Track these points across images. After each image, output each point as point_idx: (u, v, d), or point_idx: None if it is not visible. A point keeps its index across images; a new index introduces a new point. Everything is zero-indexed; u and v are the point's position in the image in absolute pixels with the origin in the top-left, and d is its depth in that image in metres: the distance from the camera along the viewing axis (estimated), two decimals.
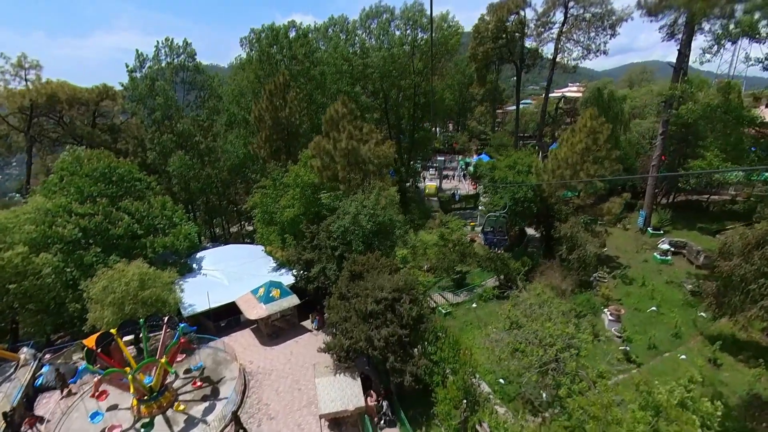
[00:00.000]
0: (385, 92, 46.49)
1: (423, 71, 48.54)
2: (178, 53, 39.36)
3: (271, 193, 33.22)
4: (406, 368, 15.89)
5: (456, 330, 26.07)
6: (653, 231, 36.65)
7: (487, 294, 29.40)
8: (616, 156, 28.35)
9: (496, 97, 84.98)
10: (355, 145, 25.23)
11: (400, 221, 27.55)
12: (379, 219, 23.44)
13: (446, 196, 52.39)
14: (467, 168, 63.67)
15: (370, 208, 23.43)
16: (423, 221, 46.35)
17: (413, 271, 24.41)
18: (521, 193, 30.32)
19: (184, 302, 27.38)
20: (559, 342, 16.38)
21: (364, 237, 24.03)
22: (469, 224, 45.05)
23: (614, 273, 30.84)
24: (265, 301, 25.94)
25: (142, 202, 31.71)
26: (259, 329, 27.51)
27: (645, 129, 46.35)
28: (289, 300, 26.49)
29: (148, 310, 23.12)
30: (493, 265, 28.96)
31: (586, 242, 27.17)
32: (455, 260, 30.00)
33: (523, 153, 34.67)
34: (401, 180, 48.99)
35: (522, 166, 32.24)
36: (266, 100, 35.15)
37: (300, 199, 30.97)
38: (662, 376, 20.15)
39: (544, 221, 35.98)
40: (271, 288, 26.66)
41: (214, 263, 34.62)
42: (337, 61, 42.45)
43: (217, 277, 32.06)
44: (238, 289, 29.00)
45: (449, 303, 28.95)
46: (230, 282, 31.00)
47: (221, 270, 33.39)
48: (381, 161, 29.60)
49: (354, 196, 24.68)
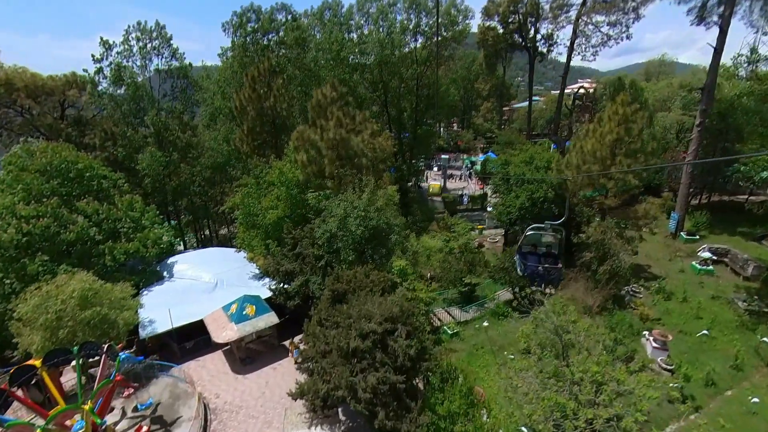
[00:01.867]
0: (384, 82, 42.29)
1: (427, 59, 44.38)
2: (150, 37, 35.35)
3: (253, 192, 29.25)
4: (401, 427, 11.69)
5: (465, 355, 21.86)
6: (687, 236, 32.26)
7: (500, 310, 25.15)
8: (653, 149, 24.04)
9: (503, 93, 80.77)
10: (344, 135, 21.09)
11: (399, 225, 23.42)
12: (373, 223, 19.26)
13: (451, 197, 48.17)
14: (473, 167, 59.57)
15: (362, 210, 19.25)
16: (426, 224, 42.19)
17: (413, 284, 20.17)
18: (540, 192, 26.05)
19: (145, 320, 23.31)
20: (607, 392, 12.15)
21: (355, 244, 19.86)
22: (477, 227, 40.86)
23: (649, 285, 26.52)
24: (236, 320, 21.80)
25: (104, 202, 27.66)
26: (232, 351, 23.38)
27: (670, 122, 42.00)
28: (266, 318, 22.32)
29: (92, 334, 19.05)
30: (507, 277, 24.69)
31: (620, 251, 22.83)
32: (463, 270, 25.75)
33: (540, 147, 30.36)
34: (402, 178, 44.77)
35: (540, 161, 27.96)
36: (248, 87, 31.10)
37: (285, 200, 26.99)
38: (733, 422, 15.89)
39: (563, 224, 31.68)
40: (245, 304, 22.53)
41: (189, 271, 30.51)
42: (332, 46, 38.30)
43: (189, 288, 27.98)
44: (210, 303, 24.88)
45: (456, 321, 24.72)
46: (203, 294, 26.94)
47: (196, 279, 29.35)
48: (377, 155, 25.44)
49: (342, 195, 20.52)
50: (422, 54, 43.54)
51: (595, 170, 23.62)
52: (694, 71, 58.17)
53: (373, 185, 20.92)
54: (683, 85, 49.81)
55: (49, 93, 34.42)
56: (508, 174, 29.16)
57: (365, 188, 20.53)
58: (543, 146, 30.64)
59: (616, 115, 24.12)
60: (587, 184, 24.53)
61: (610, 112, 24.61)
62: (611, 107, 24.80)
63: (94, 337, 19.01)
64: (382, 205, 21.74)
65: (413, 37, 42.38)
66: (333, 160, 21.61)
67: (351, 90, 39.77)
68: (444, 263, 27.85)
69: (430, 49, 43.92)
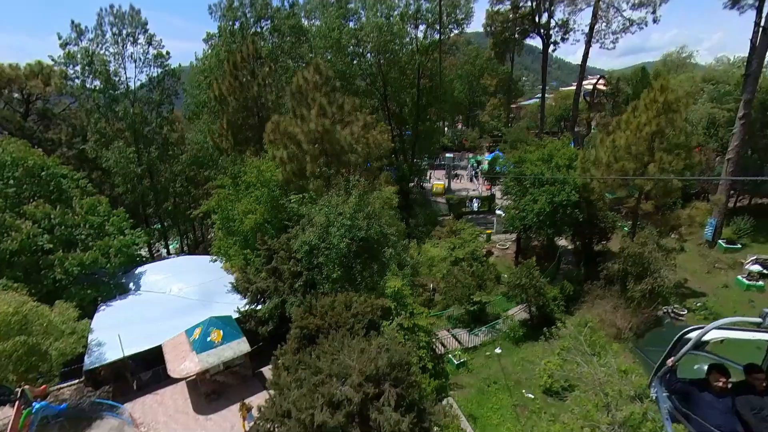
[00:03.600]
0: (383, 73, 38.53)
1: (429, 48, 40.60)
2: (124, 23, 31.78)
3: (230, 194, 25.68)
4: None
5: (474, 393, 18.08)
6: (726, 244, 28.27)
7: (514, 332, 21.34)
8: (698, 144, 20.16)
9: (511, 88, 76.65)
10: (328, 126, 17.37)
11: (396, 234, 19.71)
12: (361, 233, 15.52)
13: (456, 198, 44.33)
14: (479, 167, 55.68)
15: (347, 218, 15.51)
16: (429, 228, 38.42)
17: (413, 307, 16.38)
18: (562, 195, 22.19)
19: (94, 345, 19.73)
20: None
21: (340, 258, 16.14)
22: (485, 232, 37.01)
23: (690, 305, 22.63)
24: (198, 349, 18.13)
25: (59, 205, 24.13)
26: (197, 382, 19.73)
27: (699, 116, 37.92)
28: (235, 347, 18.63)
29: (15, 369, 15.46)
30: (524, 295, 20.87)
31: (662, 266, 18.93)
32: (471, 286, 21.95)
33: (560, 143, 26.48)
34: (403, 179, 40.98)
35: (561, 159, 24.10)
36: (229, 75, 27.45)
37: (265, 203, 23.36)
38: None
39: (585, 231, 27.85)
40: (210, 328, 18.86)
41: (160, 282, 26.89)
42: (332, 33, 34.56)
43: (157, 304, 24.39)
44: (180, 322, 21.24)
45: (463, 347, 20.95)
46: (172, 311, 23.32)
47: (166, 292, 25.77)
48: (371, 152, 21.73)
49: (326, 198, 16.82)
50: (423, 43, 39.76)
51: (630, 168, 19.74)
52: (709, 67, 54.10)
53: (363, 186, 17.17)
54: (706, 78, 45.77)
55: (6, 84, 30.95)
56: (522, 174, 25.29)
57: (353, 190, 16.80)
58: (562, 142, 26.78)
59: (654, 103, 20.24)
60: (620, 185, 20.65)
61: (647, 99, 20.73)
62: (648, 94, 20.95)
63: (17, 373, 15.46)
64: (376, 209, 18.04)
65: (413, 24, 38.63)
66: (316, 157, 17.92)
67: (348, 81, 36.14)
68: (449, 276, 24.09)
69: (432, 37, 40.19)
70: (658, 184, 20.03)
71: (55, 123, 31.05)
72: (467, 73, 75.80)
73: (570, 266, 31.56)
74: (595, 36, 37.52)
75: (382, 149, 23.34)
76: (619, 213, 25.47)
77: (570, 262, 32.25)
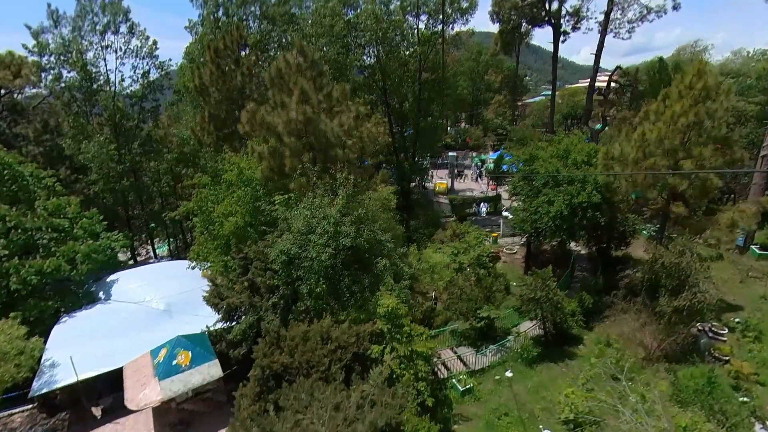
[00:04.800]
0: (381, 64, 35.95)
1: (430, 39, 38.01)
2: (104, 11, 29.34)
3: (211, 194, 23.24)
4: None
5: (482, 426, 15.47)
6: (760, 250, 25.54)
7: (527, 352, 18.71)
8: (741, 136, 17.54)
9: (516, 84, 73.97)
10: (311, 114, 14.81)
11: (393, 240, 17.14)
12: (347, 242, 12.96)
13: (459, 199, 41.75)
14: (483, 166, 53.05)
15: (332, 223, 12.95)
16: (431, 230, 35.89)
17: (411, 329, 13.75)
18: (582, 197, 19.54)
19: (47, 366, 17.24)
20: None
21: (325, 270, 13.59)
22: (491, 235, 34.41)
23: (727, 320, 19.94)
24: (162, 375, 15.61)
25: (16, 206, 21.71)
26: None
27: None
28: (205, 371, 16.09)
29: None
30: (538, 310, 18.23)
31: (701, 279, 16.24)
32: (478, 298, 19.33)
33: (576, 138, 23.82)
34: (404, 178, 38.40)
35: (579, 155, 21.45)
36: (211, 63, 24.97)
37: (247, 204, 20.88)
38: None
39: (601, 235, 25.20)
40: (177, 349, 16.33)
41: (136, 291, 24.34)
42: (323, 20, 32.02)
43: (129, 316, 21.91)
44: (146, 339, 18.79)
45: (468, 369, 18.34)
46: (143, 325, 20.85)
47: (141, 302, 23.28)
48: (366, 146, 19.20)
49: (308, 199, 14.27)
50: (425, 33, 37.17)
51: (663, 166, 17.08)
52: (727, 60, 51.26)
53: (352, 186, 14.60)
54: (723, 71, 43.03)
55: None
56: (534, 171, 22.66)
57: (340, 190, 14.26)
58: (578, 137, 24.13)
59: (690, 91, 17.59)
60: (650, 184, 17.96)
61: (681, 86, 18.08)
62: (682, 80, 18.29)
63: None
64: (369, 212, 15.48)
65: (414, 13, 36.04)
66: (298, 151, 15.37)
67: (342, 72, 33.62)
68: (452, 286, 21.48)
69: (434, 28, 37.64)
70: (695, 183, 17.35)
71: (25, 117, 28.67)
72: (470, 70, 73.20)
73: (585, 273, 28.85)
74: (610, 24, 34.79)
75: (378, 144, 20.75)
76: (641, 215, 22.79)
77: (584, 268, 29.57)
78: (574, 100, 70.45)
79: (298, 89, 14.86)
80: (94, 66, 29.05)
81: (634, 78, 36.17)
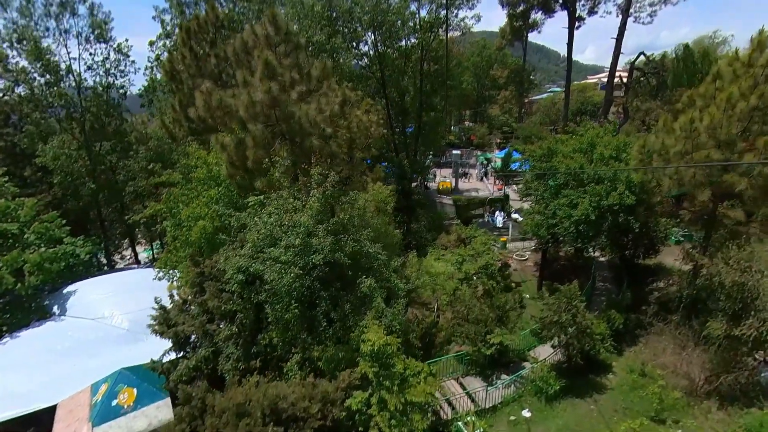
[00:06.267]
0: (379, 53, 32.86)
1: (433, 26, 34.92)
2: None
3: (181, 194, 20.37)
4: None
5: None
6: None
7: (547, 386, 15.49)
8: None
9: (523, 79, 70.58)
10: (278, 93, 11.69)
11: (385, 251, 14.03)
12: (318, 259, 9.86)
13: (464, 199, 38.57)
14: (488, 164, 49.84)
15: (300, 234, 9.84)
16: (434, 234, 32.86)
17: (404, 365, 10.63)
18: (613, 198, 16.33)
19: None
20: None
21: (298, 293, 10.49)
22: (499, 240, 31.25)
23: None
24: (98, 419, 12.55)
25: None
26: None
27: None
28: (152, 413, 12.99)
29: None
30: (563, 336, 15.05)
31: None
32: (489, 319, 16.16)
33: (602, 129, 20.60)
34: (404, 176, 35.26)
35: (606, 149, 18.24)
36: (183, 45, 21.98)
37: (223, 204, 17.91)
38: None
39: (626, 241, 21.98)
40: (119, 386, 13.29)
41: (100, 304, 21.30)
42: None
43: (83, 336, 18.91)
44: (94, 367, 15.77)
45: (478, 407, 15.17)
46: (92, 348, 17.88)
47: (101, 319, 20.30)
48: (356, 138, 16.11)
49: (273, 200, 11.19)
50: (427, 19, 34.06)
51: (718, 159, 13.87)
52: None
53: (332, 184, 11.50)
54: None
55: None
56: (552, 169, 19.47)
57: (315, 190, 11.15)
58: (605, 128, 20.91)
59: (749, 69, 14.39)
60: (700, 183, 14.73)
61: (736, 66, 14.87)
62: (735, 56, 15.09)
63: None
64: (355, 217, 12.38)
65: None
66: (263, 141, 12.28)
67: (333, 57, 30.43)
68: (457, 302, 18.33)
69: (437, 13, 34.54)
70: (757, 182, 14.12)
71: None
72: (475, 66, 70.09)
73: (606, 284, 25.67)
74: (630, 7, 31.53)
75: (371, 136, 17.65)
76: (678, 219, 19.52)
77: (605, 278, 26.34)
78: (584, 96, 67.21)
79: (262, 62, 11.81)
80: (54, 54, 26.09)
81: (661, 65, 32.85)
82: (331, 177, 11.66)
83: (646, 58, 33.68)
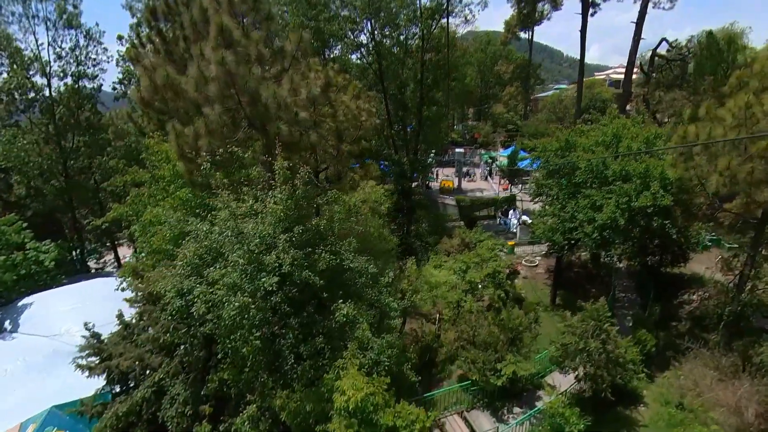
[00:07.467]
0: (376, 42, 30.38)
1: (434, 14, 32.45)
2: None
3: (147, 195, 18.13)
4: None
5: None
6: None
7: (568, 425, 12.86)
8: None
9: (529, 75, 67.98)
10: (236, 68, 9.17)
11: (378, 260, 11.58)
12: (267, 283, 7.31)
13: (468, 200, 36.07)
14: (493, 163, 47.41)
15: (258, 244, 7.30)
16: (435, 237, 30.45)
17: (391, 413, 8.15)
18: (645, 199, 13.75)
19: None
20: None
21: (249, 327, 7.95)
22: (507, 244, 28.73)
23: None
24: None
25: None
26: None
27: None
28: None
29: None
30: (590, 366, 12.44)
31: None
32: (499, 343, 13.60)
33: (629, 120, 17.99)
34: (403, 175, 32.77)
35: (634, 141, 15.65)
36: (147, 24, 19.46)
37: (191, 208, 15.52)
38: None
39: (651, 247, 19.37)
40: (47, 428, 10.86)
41: (62, 317, 18.86)
42: None
43: (25, 356, 16.47)
44: (37, 396, 13.34)
45: None
46: (38, 371, 15.44)
47: (53, 335, 17.87)
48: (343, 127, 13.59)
49: (225, 202, 8.71)
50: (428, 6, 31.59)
51: None
52: None
53: (302, 181, 9.00)
54: None
55: None
56: (571, 163, 16.89)
57: (280, 187, 8.65)
58: (632, 119, 18.32)
59: None
60: (759, 180, 12.11)
61: None
62: None
63: None
64: (336, 223, 9.90)
65: None
66: (221, 128, 9.81)
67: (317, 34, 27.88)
68: (462, 321, 15.78)
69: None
70: None
71: None
72: (479, 62, 67.73)
73: (627, 294, 23.07)
74: None
75: (362, 126, 15.11)
76: (715, 223, 16.93)
77: (626, 288, 23.73)
78: (592, 92, 64.75)
79: (215, 27, 9.36)
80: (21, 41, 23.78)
81: (687, 50, 30.10)
82: (302, 173, 9.15)
83: (669, 44, 30.95)
